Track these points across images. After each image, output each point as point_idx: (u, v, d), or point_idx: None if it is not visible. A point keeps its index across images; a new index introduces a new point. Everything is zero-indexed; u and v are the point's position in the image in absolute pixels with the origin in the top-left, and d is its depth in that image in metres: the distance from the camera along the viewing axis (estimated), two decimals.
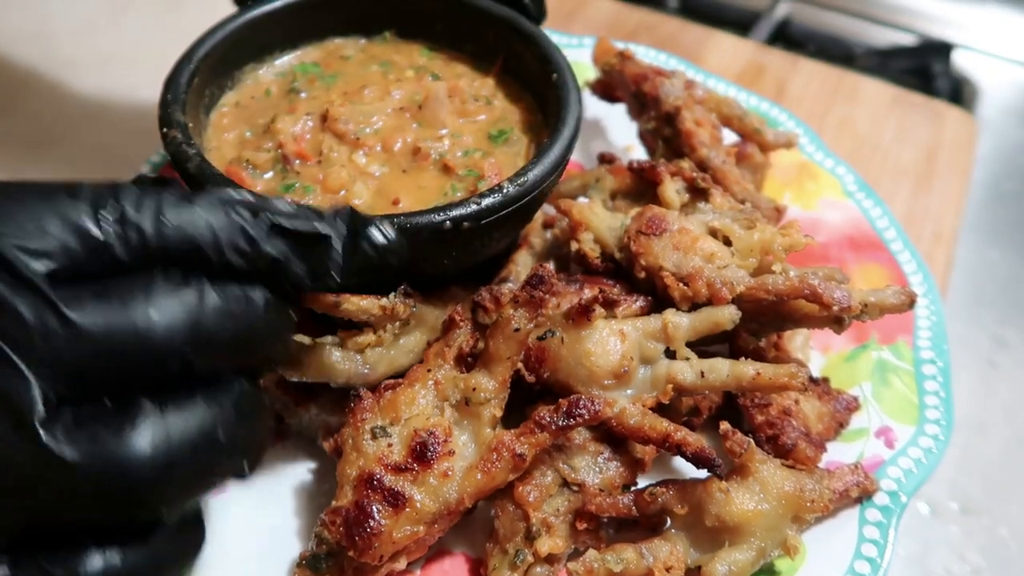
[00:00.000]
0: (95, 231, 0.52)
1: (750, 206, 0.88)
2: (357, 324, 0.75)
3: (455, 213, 0.74)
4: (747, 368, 0.73)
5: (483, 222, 0.76)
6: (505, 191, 0.77)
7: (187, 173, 0.77)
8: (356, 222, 0.61)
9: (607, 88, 1.10)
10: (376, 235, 0.61)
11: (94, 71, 1.52)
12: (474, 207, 0.75)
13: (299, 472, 0.82)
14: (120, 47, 1.59)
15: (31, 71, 1.52)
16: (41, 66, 1.53)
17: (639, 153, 1.11)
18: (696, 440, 0.71)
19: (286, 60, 0.97)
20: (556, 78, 0.88)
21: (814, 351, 0.91)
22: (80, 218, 0.52)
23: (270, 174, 0.85)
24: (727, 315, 0.77)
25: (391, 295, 0.75)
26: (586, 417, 0.69)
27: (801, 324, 0.79)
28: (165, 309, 0.51)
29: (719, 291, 0.77)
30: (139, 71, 1.53)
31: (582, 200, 0.97)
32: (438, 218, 0.74)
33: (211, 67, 0.90)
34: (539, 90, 0.93)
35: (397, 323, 0.77)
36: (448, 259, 0.79)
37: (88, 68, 1.52)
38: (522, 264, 0.91)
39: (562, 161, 0.81)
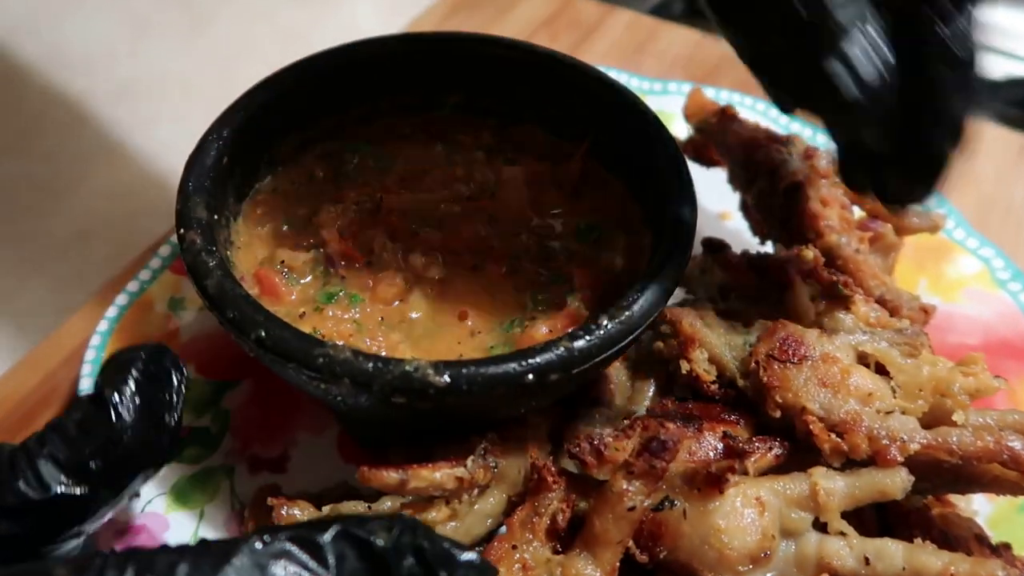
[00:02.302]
0: None
1: (908, 324, 0.71)
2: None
3: (539, 361, 0.58)
4: (931, 560, 0.56)
5: (575, 371, 0.59)
6: (605, 330, 0.60)
7: (205, 292, 0.62)
8: (427, 553, 0.46)
9: (702, 149, 0.94)
10: (458, 574, 0.46)
11: (111, 103, 1.38)
12: (563, 353, 0.58)
13: None
14: (139, 75, 1.45)
15: (44, 106, 1.38)
16: (55, 100, 1.39)
17: (736, 221, 0.94)
18: None
19: (334, 140, 0.81)
20: (664, 168, 0.71)
21: (977, 496, 0.74)
22: None
23: (309, 278, 0.70)
24: (898, 484, 0.59)
25: (469, 462, 0.60)
26: None
27: (988, 489, 0.62)
28: None
29: (886, 449, 0.60)
30: (160, 102, 1.39)
31: (683, 297, 0.81)
32: (517, 369, 0.57)
33: (244, 141, 0.74)
34: (637, 176, 0.76)
35: (475, 490, 0.61)
36: (526, 407, 0.63)
37: (105, 100, 1.39)
38: (615, 381, 0.74)
39: (674, 287, 0.65)
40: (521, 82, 0.82)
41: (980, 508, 0.73)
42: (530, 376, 0.58)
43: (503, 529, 0.63)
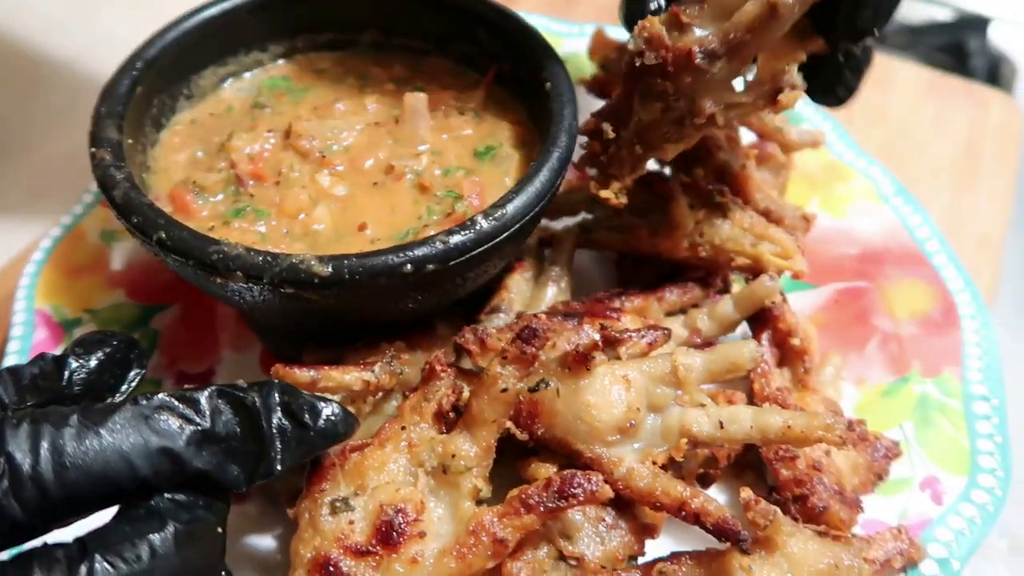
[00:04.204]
0: None
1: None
2: None
3: (416, 254, 0.63)
4: (774, 418, 0.62)
5: (451, 264, 0.65)
6: (478, 227, 0.65)
7: (113, 201, 0.68)
8: (292, 405, 0.53)
9: (605, 85, 0.98)
10: (321, 420, 0.54)
11: (66, 69, 1.42)
12: (439, 246, 0.64)
13: (260, 541, 0.72)
14: (95, 41, 1.48)
15: (1, 70, 1.42)
16: (7, 66, 1.43)
17: None
18: (717, 509, 0.61)
19: (253, 75, 0.87)
20: (550, 87, 0.76)
21: (846, 384, 0.80)
22: None
23: (220, 196, 0.75)
24: (747, 354, 0.66)
25: (376, 367, 0.66)
26: (581, 498, 0.59)
27: None
28: None
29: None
30: (114, 66, 1.43)
31: (584, 217, 0.86)
32: (395, 260, 0.63)
33: (160, 73, 0.80)
34: (532, 100, 0.81)
35: (379, 393, 0.67)
36: (414, 303, 0.69)
37: (59, 66, 1.42)
38: (515, 291, 0.80)
39: (550, 189, 0.70)
40: (431, 19, 0.88)
41: (847, 395, 0.79)
42: (408, 267, 0.63)
43: None
